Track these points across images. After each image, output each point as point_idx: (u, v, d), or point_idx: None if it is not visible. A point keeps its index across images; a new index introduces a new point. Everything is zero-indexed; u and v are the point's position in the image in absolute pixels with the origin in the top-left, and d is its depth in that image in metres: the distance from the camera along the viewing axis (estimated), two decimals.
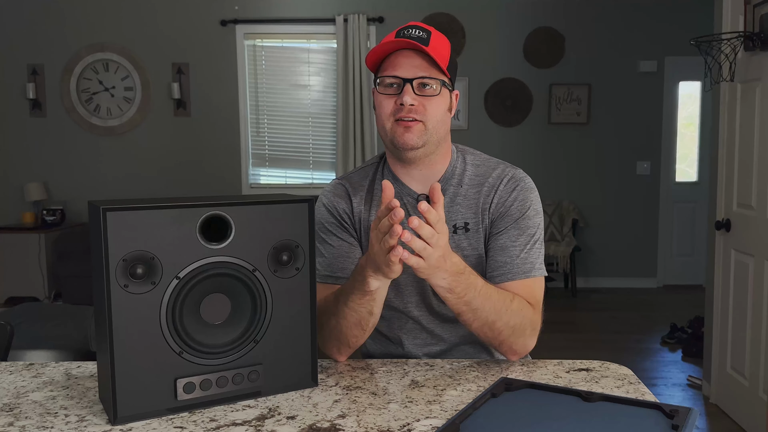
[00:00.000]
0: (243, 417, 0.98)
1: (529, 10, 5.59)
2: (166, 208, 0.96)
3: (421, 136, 1.23)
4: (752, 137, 2.78)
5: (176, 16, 5.55)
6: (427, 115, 1.23)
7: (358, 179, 1.37)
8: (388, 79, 1.24)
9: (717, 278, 3.10)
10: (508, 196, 1.29)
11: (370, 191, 1.35)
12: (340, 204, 1.34)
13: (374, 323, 1.20)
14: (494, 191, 1.30)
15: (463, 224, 1.29)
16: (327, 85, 5.67)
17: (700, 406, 3.14)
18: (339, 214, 1.33)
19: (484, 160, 1.35)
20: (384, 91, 1.25)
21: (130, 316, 0.94)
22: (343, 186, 1.37)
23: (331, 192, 1.36)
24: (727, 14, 2.97)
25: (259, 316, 1.04)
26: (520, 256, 1.25)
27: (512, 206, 1.28)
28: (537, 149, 5.66)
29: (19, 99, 5.57)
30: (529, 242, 1.26)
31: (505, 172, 1.32)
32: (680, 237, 5.87)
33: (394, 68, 1.23)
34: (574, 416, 0.92)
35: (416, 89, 1.22)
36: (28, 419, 0.98)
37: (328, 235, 1.32)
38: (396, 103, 1.23)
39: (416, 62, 1.23)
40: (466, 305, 1.13)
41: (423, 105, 1.23)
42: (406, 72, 1.22)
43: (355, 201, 1.34)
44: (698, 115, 5.83)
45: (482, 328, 1.17)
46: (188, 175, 5.66)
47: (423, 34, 1.23)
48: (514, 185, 1.30)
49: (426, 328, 1.34)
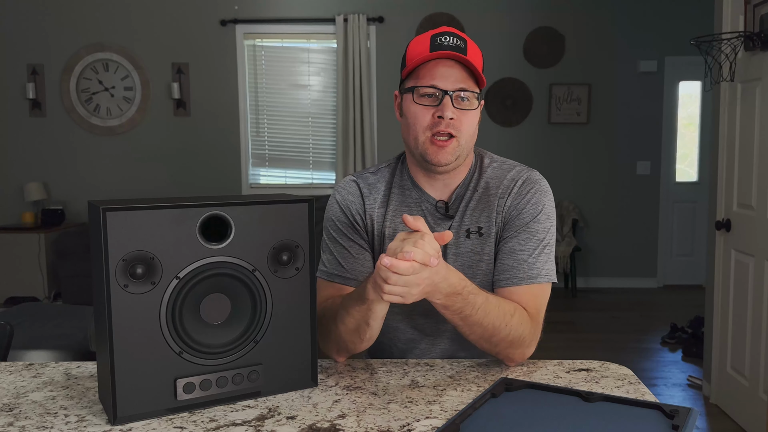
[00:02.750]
0: (243, 417, 0.98)
1: (529, 10, 5.59)
2: (166, 208, 0.96)
3: (454, 152, 1.21)
4: (752, 137, 2.78)
5: (176, 16, 5.55)
6: (462, 130, 1.21)
7: (375, 180, 1.34)
8: (425, 89, 1.20)
9: (717, 278, 3.10)
10: (522, 199, 1.26)
11: (386, 195, 1.32)
12: (354, 204, 1.31)
13: (372, 336, 1.16)
14: (509, 193, 1.28)
15: (477, 228, 1.27)
16: (327, 85, 5.67)
17: (700, 406, 3.14)
18: (352, 215, 1.31)
19: (500, 163, 1.33)
20: (421, 102, 1.20)
21: (130, 316, 0.94)
22: (356, 185, 1.33)
23: (345, 189, 1.33)
24: (727, 14, 2.97)
25: (259, 316, 1.04)
26: (527, 261, 1.23)
27: (525, 209, 1.26)
28: (537, 149, 5.66)
29: (19, 99, 5.57)
30: (538, 247, 1.24)
31: (521, 174, 1.30)
32: (680, 237, 5.87)
33: (433, 78, 1.19)
34: (574, 416, 0.92)
35: (454, 102, 1.19)
36: (27, 419, 0.98)
37: (339, 235, 1.30)
38: (434, 116, 1.20)
39: (456, 73, 1.19)
40: (462, 320, 1.12)
41: (459, 119, 1.20)
42: (446, 84, 1.19)
43: (368, 203, 1.31)
44: (698, 115, 5.83)
45: (479, 340, 1.16)
46: (188, 175, 5.66)
47: (461, 43, 1.20)
48: (530, 187, 1.27)
49: (430, 336, 1.33)
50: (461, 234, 1.28)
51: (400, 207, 1.31)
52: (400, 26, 5.57)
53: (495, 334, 1.13)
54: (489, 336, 1.14)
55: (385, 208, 1.31)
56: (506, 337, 1.14)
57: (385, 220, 1.30)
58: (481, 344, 1.17)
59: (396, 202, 1.31)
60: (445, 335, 1.32)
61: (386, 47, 5.58)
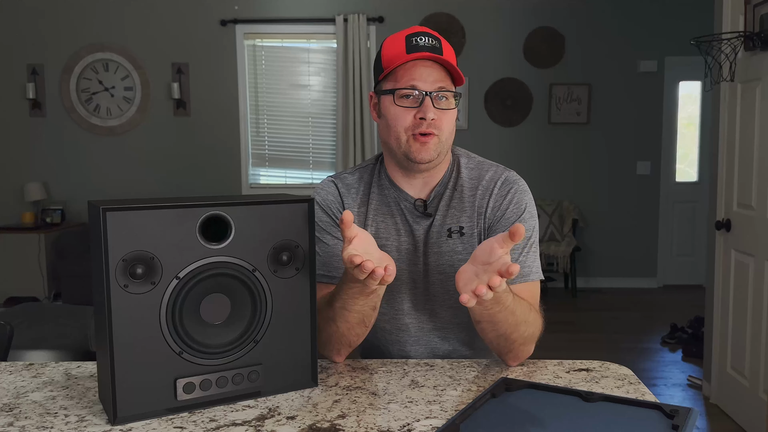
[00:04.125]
0: (243, 417, 0.98)
1: (529, 10, 5.59)
2: (166, 208, 0.96)
3: (436, 149, 1.22)
4: (752, 137, 2.78)
5: (176, 16, 5.55)
6: (442, 128, 1.22)
7: (352, 181, 1.35)
8: (405, 90, 1.21)
9: (717, 278, 3.10)
10: (503, 200, 1.28)
11: (366, 195, 1.33)
12: (333, 203, 1.32)
13: (375, 316, 1.18)
14: (489, 194, 1.29)
15: (458, 228, 1.28)
16: (327, 85, 5.67)
17: (700, 406, 3.14)
18: (333, 213, 1.32)
19: (477, 163, 1.34)
20: (401, 103, 1.21)
21: (130, 316, 0.94)
22: (335, 185, 1.34)
23: (325, 190, 1.34)
24: (727, 14, 2.97)
25: (259, 316, 1.04)
26: (518, 260, 1.24)
27: (508, 209, 1.27)
28: (537, 149, 5.66)
29: (19, 99, 5.56)
30: (526, 246, 1.25)
31: (498, 174, 1.31)
32: (680, 237, 5.87)
33: (412, 78, 1.20)
34: (574, 416, 0.92)
35: (434, 102, 1.20)
36: (28, 419, 0.98)
37: (322, 234, 1.30)
38: (415, 117, 1.21)
39: (434, 73, 1.20)
40: (489, 318, 1.11)
41: (440, 118, 1.21)
42: (426, 84, 1.20)
43: (346, 202, 1.32)
44: (698, 115, 5.83)
45: (497, 339, 1.16)
46: (188, 175, 5.66)
47: (436, 43, 1.21)
48: (508, 188, 1.28)
49: (414, 336, 1.33)
50: (443, 234, 1.28)
51: (380, 206, 1.32)
52: (400, 26, 5.55)
53: (514, 331, 1.14)
54: (508, 334, 1.14)
55: (366, 207, 1.32)
56: (523, 333, 1.15)
57: (366, 219, 1.31)
58: (498, 342, 1.16)
59: (376, 201, 1.32)
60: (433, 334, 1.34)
61: None
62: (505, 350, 1.18)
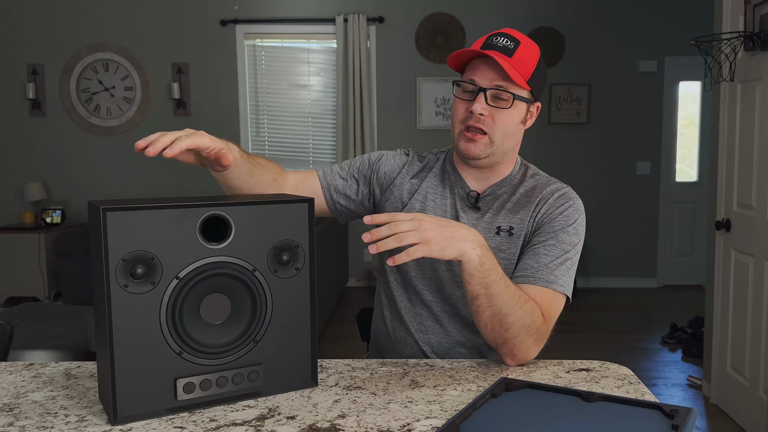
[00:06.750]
0: (243, 417, 0.98)
1: (529, 10, 5.59)
2: (166, 208, 0.96)
3: (485, 149, 1.26)
4: (752, 137, 2.78)
5: (176, 16, 5.55)
6: (495, 128, 1.25)
7: (425, 160, 1.42)
8: (465, 84, 1.26)
9: (717, 278, 3.10)
10: (555, 209, 1.29)
11: (426, 172, 1.40)
12: (391, 164, 1.40)
13: (257, 171, 1.31)
14: (545, 202, 1.31)
15: (508, 228, 1.30)
16: (327, 85, 5.67)
17: (700, 406, 3.14)
18: (377, 169, 1.39)
19: (543, 177, 1.38)
20: (460, 96, 1.27)
21: (130, 316, 0.94)
22: (407, 156, 1.42)
23: (397, 152, 1.43)
24: (727, 14, 2.97)
25: (259, 316, 1.04)
26: (548, 265, 1.24)
27: (557, 218, 1.28)
28: (537, 149, 5.66)
29: (19, 99, 5.57)
30: (561, 256, 1.25)
31: (560, 187, 1.34)
32: (680, 237, 5.87)
33: (473, 73, 1.25)
34: (574, 416, 0.92)
35: (489, 99, 1.23)
36: (28, 419, 0.98)
37: (352, 168, 1.39)
38: (467, 110, 1.24)
39: (495, 72, 1.23)
40: (485, 288, 1.11)
41: (492, 116, 1.24)
42: (483, 80, 1.23)
43: (410, 171, 1.39)
44: (698, 115, 5.83)
45: (493, 318, 1.13)
46: (188, 175, 5.66)
47: (510, 44, 1.23)
48: (565, 201, 1.31)
49: (435, 315, 1.35)
50: (491, 230, 1.31)
51: (436, 187, 1.37)
52: (400, 26, 5.57)
53: (510, 312, 1.13)
54: (504, 314, 1.13)
55: (421, 181, 1.38)
56: (520, 319, 1.13)
57: (416, 192, 1.37)
58: (494, 324, 1.14)
59: (432, 181, 1.37)
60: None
61: (386, 47, 5.59)
62: (501, 339, 1.16)
